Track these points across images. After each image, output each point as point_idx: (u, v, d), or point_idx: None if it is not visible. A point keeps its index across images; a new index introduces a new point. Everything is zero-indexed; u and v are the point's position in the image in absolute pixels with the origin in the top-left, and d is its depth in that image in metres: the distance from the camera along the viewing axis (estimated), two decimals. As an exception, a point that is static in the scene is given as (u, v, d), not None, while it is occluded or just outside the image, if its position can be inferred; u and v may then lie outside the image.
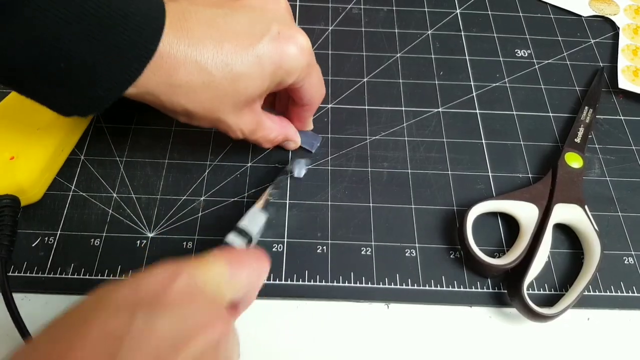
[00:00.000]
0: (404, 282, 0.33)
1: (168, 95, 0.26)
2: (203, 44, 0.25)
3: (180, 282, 0.22)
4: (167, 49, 0.25)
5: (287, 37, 0.27)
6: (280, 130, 0.34)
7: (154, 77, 0.25)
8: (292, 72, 0.28)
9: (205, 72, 0.26)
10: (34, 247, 0.33)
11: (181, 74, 0.25)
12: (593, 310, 0.33)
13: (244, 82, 0.27)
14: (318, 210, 0.35)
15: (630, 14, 0.49)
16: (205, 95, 0.27)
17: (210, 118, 0.28)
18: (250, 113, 0.30)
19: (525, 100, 0.42)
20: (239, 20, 0.27)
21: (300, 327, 0.31)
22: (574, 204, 0.35)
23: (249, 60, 0.26)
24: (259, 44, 0.27)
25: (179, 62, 0.25)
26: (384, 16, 0.48)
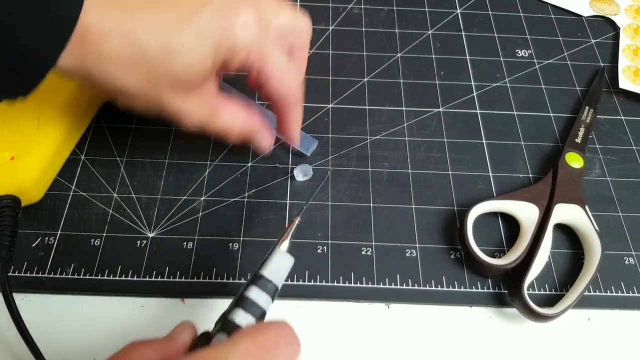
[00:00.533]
0: (404, 282, 0.33)
1: (100, 70, 0.24)
2: (137, 13, 0.23)
3: None
4: (92, 19, 0.22)
5: (230, 11, 0.25)
6: (247, 115, 0.30)
7: (82, 48, 0.23)
8: (236, 48, 0.25)
9: (136, 43, 0.23)
10: (34, 247, 0.33)
11: (108, 44, 0.23)
12: (593, 311, 0.33)
13: (181, 57, 0.24)
14: (318, 210, 0.35)
15: (630, 14, 0.49)
16: (138, 68, 0.24)
17: (149, 98, 0.26)
18: (198, 96, 0.27)
19: (526, 100, 0.42)
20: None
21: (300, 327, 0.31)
22: (575, 204, 0.35)
23: (186, 32, 0.24)
24: (200, 15, 0.24)
25: (108, 31, 0.23)
26: (384, 16, 0.48)
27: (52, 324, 0.30)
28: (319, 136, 0.39)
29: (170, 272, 0.32)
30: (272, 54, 0.27)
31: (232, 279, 0.32)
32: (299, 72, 0.31)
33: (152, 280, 0.32)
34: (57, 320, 0.31)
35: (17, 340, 0.28)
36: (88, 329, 0.30)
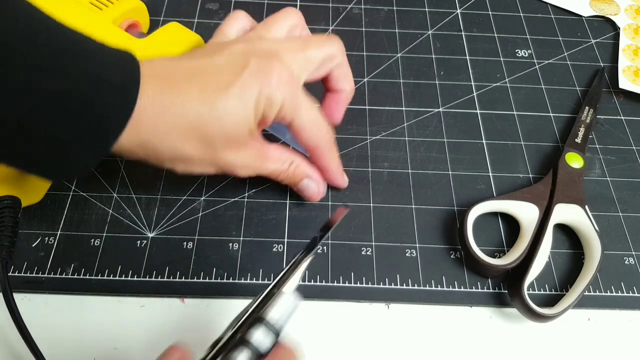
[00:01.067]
0: (404, 282, 0.33)
1: (161, 141, 0.26)
2: (187, 86, 0.26)
3: None
4: (149, 98, 0.25)
5: (267, 69, 0.28)
6: (293, 158, 0.32)
7: (143, 126, 0.25)
8: (273, 101, 0.28)
9: (191, 113, 0.26)
10: (34, 247, 0.33)
11: (168, 117, 0.25)
12: (593, 311, 0.33)
13: (230, 118, 0.27)
14: (318, 210, 0.35)
15: (631, 14, 0.49)
16: (194, 136, 0.27)
17: (208, 160, 0.28)
18: (248, 149, 0.29)
19: (526, 100, 0.42)
20: (219, 63, 0.28)
21: (300, 328, 0.31)
22: (575, 204, 0.35)
23: (231, 96, 0.27)
24: (240, 79, 0.27)
25: (166, 106, 0.25)
26: (384, 16, 0.48)
27: (52, 324, 0.30)
28: (319, 136, 0.39)
29: (170, 272, 0.32)
30: (301, 107, 0.29)
31: (232, 279, 0.32)
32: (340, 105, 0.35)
33: (152, 280, 0.32)
34: (57, 320, 0.31)
35: (17, 340, 0.28)
36: (88, 329, 0.30)
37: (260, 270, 0.33)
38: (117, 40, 0.38)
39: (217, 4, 0.47)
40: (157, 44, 0.38)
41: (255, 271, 0.33)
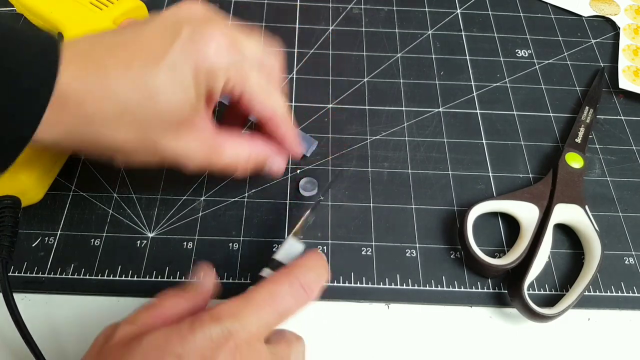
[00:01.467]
0: (404, 282, 0.33)
1: (86, 131, 0.24)
2: (111, 67, 0.23)
3: (225, 352, 0.21)
4: (68, 84, 0.22)
5: (200, 37, 0.24)
6: (251, 146, 0.29)
7: (65, 115, 0.23)
8: (215, 72, 0.25)
9: (117, 96, 0.23)
10: (34, 247, 0.33)
11: (92, 104, 0.23)
12: (593, 311, 0.33)
13: (163, 96, 0.24)
14: (318, 210, 0.35)
15: (630, 14, 0.49)
16: (126, 121, 0.24)
17: (145, 148, 0.26)
18: (192, 132, 0.26)
19: (526, 100, 0.42)
20: (146, 35, 0.24)
21: (300, 328, 0.31)
22: (575, 204, 0.35)
23: (162, 71, 0.24)
24: (170, 50, 0.24)
25: (85, 92, 0.23)
26: (384, 16, 0.48)
27: (52, 324, 0.30)
28: (318, 136, 0.39)
29: (171, 272, 0.32)
30: (251, 74, 0.27)
31: (232, 279, 0.32)
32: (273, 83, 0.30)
33: (152, 280, 0.32)
34: (57, 320, 0.31)
35: (17, 340, 0.28)
36: (88, 329, 0.30)
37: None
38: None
39: (217, 4, 0.47)
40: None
41: (255, 271, 0.33)
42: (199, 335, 0.21)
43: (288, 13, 0.47)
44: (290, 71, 0.43)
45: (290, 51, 0.44)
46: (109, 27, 0.38)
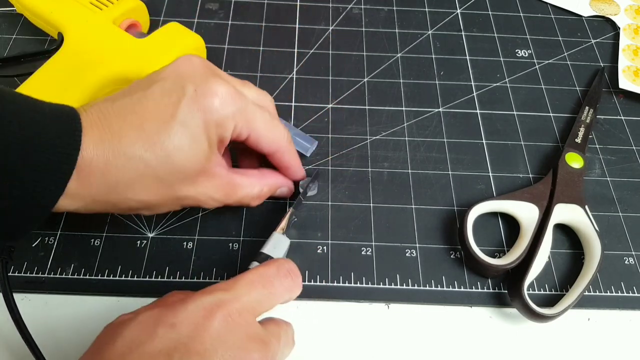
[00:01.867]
0: (404, 282, 0.33)
1: (113, 195, 0.25)
2: (125, 134, 0.24)
3: (216, 321, 0.22)
4: (90, 156, 0.23)
5: (205, 92, 0.26)
6: (261, 182, 0.31)
7: (89, 187, 0.24)
8: (224, 123, 0.27)
9: (136, 161, 0.24)
10: (34, 247, 0.33)
11: (114, 173, 0.24)
12: (593, 311, 0.33)
13: (179, 154, 0.25)
14: (318, 210, 0.35)
15: (630, 14, 0.49)
16: (148, 182, 0.25)
17: (170, 200, 0.27)
18: (209, 179, 0.28)
19: (526, 100, 0.42)
20: (153, 97, 0.26)
21: (300, 328, 0.31)
22: (575, 204, 0.35)
23: (174, 130, 0.25)
24: (179, 111, 0.25)
25: (108, 161, 0.24)
26: (384, 16, 0.48)
27: (52, 324, 0.30)
28: (318, 136, 0.39)
29: (171, 272, 0.32)
30: (254, 116, 0.28)
31: (232, 279, 0.32)
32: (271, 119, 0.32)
33: (152, 280, 0.32)
34: (57, 320, 0.31)
35: (17, 340, 0.28)
36: (88, 329, 0.30)
37: (260, 270, 0.33)
38: (117, 40, 0.38)
39: (217, 4, 0.47)
40: (157, 44, 0.38)
41: (255, 271, 0.33)
42: (191, 306, 0.22)
43: (288, 13, 0.47)
44: (290, 71, 0.43)
45: (290, 51, 0.44)
46: (109, 27, 0.38)
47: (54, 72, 0.36)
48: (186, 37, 0.39)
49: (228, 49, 0.44)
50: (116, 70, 0.36)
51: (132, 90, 0.26)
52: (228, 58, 0.43)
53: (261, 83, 0.42)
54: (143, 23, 0.43)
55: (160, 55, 0.37)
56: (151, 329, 0.21)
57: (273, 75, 0.42)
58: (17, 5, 0.42)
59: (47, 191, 0.23)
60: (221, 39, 0.44)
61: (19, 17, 0.43)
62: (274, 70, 0.43)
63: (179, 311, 0.22)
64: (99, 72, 0.36)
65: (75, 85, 0.35)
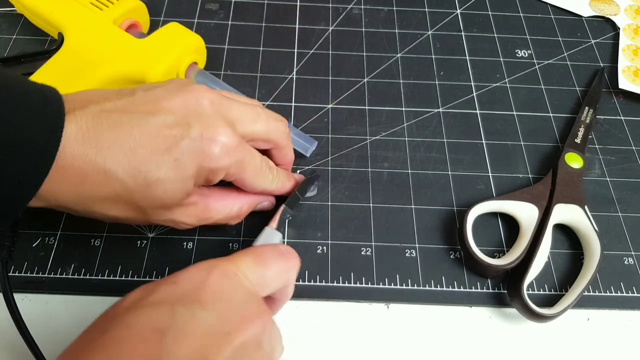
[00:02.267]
0: (404, 283, 0.33)
1: (81, 206, 0.25)
2: (113, 152, 0.24)
3: (215, 277, 0.23)
4: (69, 161, 0.23)
5: (209, 139, 0.26)
6: (239, 201, 0.31)
7: (60, 189, 0.24)
8: (217, 172, 0.27)
9: (115, 181, 0.24)
10: (35, 247, 0.33)
11: (89, 185, 0.24)
12: (593, 311, 0.33)
13: (161, 186, 0.25)
14: (318, 211, 0.35)
15: (630, 14, 0.49)
16: (120, 203, 0.25)
17: (139, 219, 0.27)
18: (183, 208, 0.28)
19: (526, 100, 0.42)
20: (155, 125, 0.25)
21: (300, 328, 0.31)
22: (574, 204, 0.35)
23: (165, 164, 0.25)
24: (177, 148, 0.25)
25: (86, 172, 0.23)
26: (384, 16, 0.48)
27: (52, 324, 0.30)
28: (318, 136, 0.39)
29: (171, 272, 0.32)
30: (248, 166, 0.28)
31: (232, 279, 0.32)
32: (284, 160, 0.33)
33: (152, 280, 0.32)
34: (57, 320, 0.31)
35: (17, 340, 0.28)
36: (88, 329, 0.30)
37: (260, 270, 0.33)
38: (117, 40, 0.38)
39: (217, 4, 0.47)
40: (157, 44, 0.38)
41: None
42: (191, 269, 0.23)
43: (288, 13, 0.47)
44: (290, 71, 0.43)
45: (290, 51, 0.44)
46: (109, 27, 0.38)
47: (54, 72, 0.36)
48: (186, 37, 0.39)
49: (228, 49, 0.44)
50: (116, 70, 0.36)
51: (133, 106, 0.25)
52: (228, 58, 0.43)
53: (261, 83, 0.42)
54: (143, 23, 0.43)
55: (160, 56, 0.37)
56: (154, 286, 0.22)
57: (273, 75, 0.42)
58: (17, 6, 0.42)
59: (19, 191, 0.23)
60: (221, 39, 0.44)
61: (19, 17, 0.43)
62: (274, 71, 0.43)
63: (180, 273, 0.23)
64: (99, 72, 0.36)
65: (75, 86, 0.35)
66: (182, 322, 0.20)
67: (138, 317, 0.21)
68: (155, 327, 0.20)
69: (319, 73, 0.43)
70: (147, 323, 0.20)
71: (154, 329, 0.20)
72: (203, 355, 0.20)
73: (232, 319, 0.22)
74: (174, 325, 0.20)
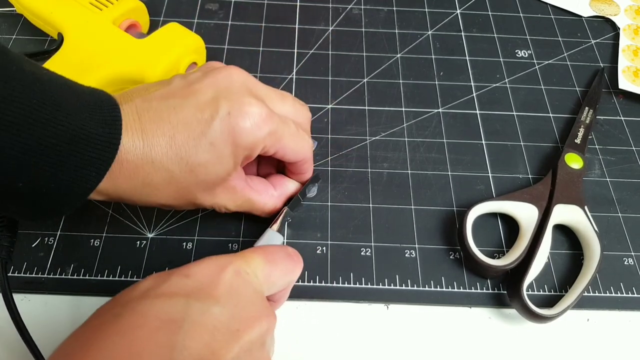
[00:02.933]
0: (403, 283, 0.33)
1: (137, 196, 0.26)
2: (156, 141, 0.25)
3: (228, 274, 0.23)
4: (124, 156, 0.24)
5: (238, 114, 0.26)
6: (275, 199, 0.32)
7: (117, 183, 0.25)
8: (253, 146, 0.27)
9: (162, 170, 0.25)
10: (34, 247, 0.33)
11: (141, 176, 0.25)
12: (593, 311, 0.33)
13: (203, 169, 0.26)
14: (318, 211, 0.35)
15: (630, 14, 0.49)
16: (170, 189, 0.26)
17: (187, 204, 0.28)
18: (226, 191, 0.29)
19: (526, 100, 0.42)
20: (188, 109, 0.26)
21: (300, 328, 0.31)
22: (574, 204, 0.35)
23: (202, 148, 0.26)
24: (210, 130, 0.26)
25: (137, 165, 0.25)
26: (384, 16, 0.48)
27: (52, 324, 0.30)
28: (318, 137, 0.39)
29: (170, 272, 0.32)
30: (284, 135, 0.29)
31: (232, 280, 0.32)
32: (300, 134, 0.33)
33: (151, 280, 0.32)
34: (56, 320, 0.31)
35: (17, 340, 0.28)
36: (88, 329, 0.30)
37: (259, 270, 0.33)
38: (116, 40, 0.38)
39: (217, 4, 0.47)
40: (157, 44, 0.38)
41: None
42: (204, 263, 0.24)
43: (288, 13, 0.47)
44: (289, 72, 0.43)
45: (289, 51, 0.44)
46: (109, 27, 0.38)
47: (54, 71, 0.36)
48: (186, 37, 0.39)
49: (228, 49, 0.44)
50: (116, 71, 0.36)
51: (169, 93, 0.27)
52: (228, 58, 0.43)
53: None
54: (143, 23, 0.43)
55: (160, 56, 0.37)
56: (166, 277, 0.22)
57: (273, 75, 0.42)
58: (17, 6, 0.42)
59: (89, 177, 0.23)
60: (221, 40, 0.44)
61: (19, 17, 0.43)
62: (274, 71, 0.43)
63: (192, 266, 0.23)
64: (99, 73, 0.36)
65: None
66: (196, 315, 0.21)
67: (153, 306, 0.21)
68: (170, 318, 0.20)
69: (319, 73, 0.43)
70: (162, 312, 0.21)
71: (170, 320, 0.20)
72: (212, 350, 0.20)
73: (242, 317, 0.22)
74: (189, 318, 0.21)
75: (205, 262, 0.24)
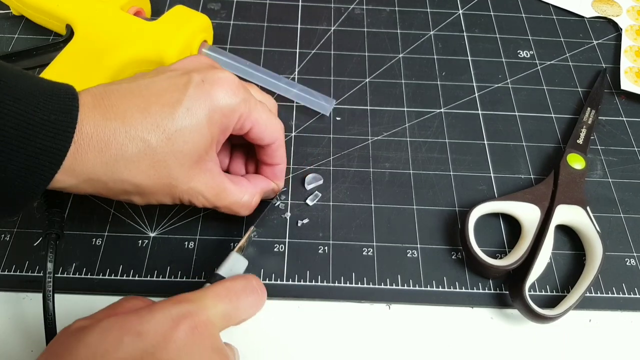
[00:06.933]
0: (405, 283, 0.33)
1: (108, 174, 0.25)
2: (129, 113, 0.25)
3: (182, 332, 0.22)
4: (90, 132, 0.24)
5: (212, 81, 0.27)
6: (251, 190, 0.31)
7: (86, 163, 0.24)
8: (230, 112, 0.27)
9: (137, 139, 0.25)
10: (36, 246, 0.33)
11: (113, 148, 0.24)
12: (595, 312, 0.33)
13: (180, 137, 0.26)
14: (320, 211, 0.35)
15: (633, 15, 0.49)
16: (145, 162, 0.26)
17: (162, 187, 0.27)
18: (203, 173, 0.28)
19: (528, 101, 0.42)
20: (160, 83, 0.26)
21: (301, 328, 0.31)
22: (576, 205, 0.35)
23: (179, 114, 0.26)
24: (185, 96, 0.26)
25: (108, 137, 0.24)
26: (386, 17, 0.48)
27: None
28: (319, 137, 0.39)
29: (172, 271, 0.32)
30: (257, 106, 0.29)
31: (234, 279, 0.32)
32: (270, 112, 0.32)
33: (153, 279, 0.32)
34: (58, 319, 0.31)
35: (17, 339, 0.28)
36: (89, 328, 0.30)
37: (261, 270, 0.33)
38: (128, 25, 0.38)
39: (219, 3, 0.47)
40: (168, 25, 0.39)
41: (256, 271, 0.33)
42: (158, 315, 0.22)
43: (290, 13, 0.47)
44: (292, 71, 0.43)
45: (292, 51, 0.44)
46: (118, 13, 0.39)
47: (69, 62, 0.37)
48: (194, 17, 0.40)
49: (230, 49, 0.44)
50: (133, 53, 0.37)
51: (138, 78, 0.27)
52: (230, 58, 0.43)
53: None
54: (146, 11, 0.44)
55: (175, 35, 0.38)
56: (117, 337, 0.21)
57: (275, 75, 0.42)
58: (17, 6, 0.42)
59: (42, 166, 0.23)
60: (223, 39, 0.44)
61: (21, 16, 0.43)
62: (276, 71, 0.42)
63: (146, 320, 0.22)
64: (116, 57, 0.36)
65: (93, 72, 0.36)
66: None
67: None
68: None
69: (321, 73, 0.43)
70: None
71: None
72: None
73: None
74: None
75: (160, 313, 0.22)
